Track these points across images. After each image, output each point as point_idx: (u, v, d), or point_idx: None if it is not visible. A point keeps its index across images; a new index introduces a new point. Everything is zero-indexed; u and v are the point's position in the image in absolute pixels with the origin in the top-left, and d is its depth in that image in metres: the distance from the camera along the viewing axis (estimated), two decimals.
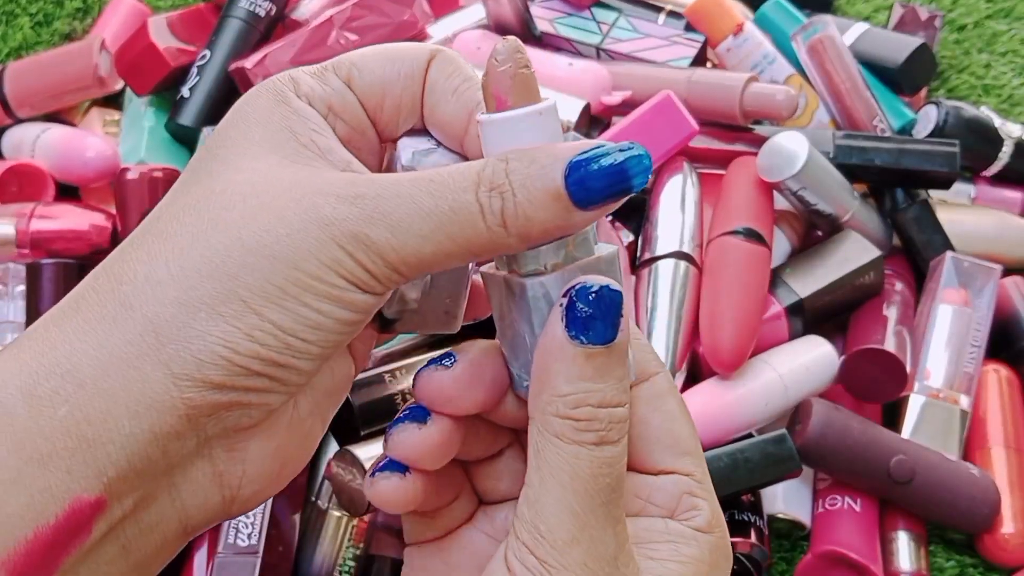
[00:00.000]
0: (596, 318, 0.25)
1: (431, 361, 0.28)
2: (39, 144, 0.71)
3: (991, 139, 0.74)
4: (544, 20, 0.77)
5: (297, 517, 0.58)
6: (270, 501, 0.54)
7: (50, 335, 0.24)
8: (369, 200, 0.25)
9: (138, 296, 0.24)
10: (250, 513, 0.54)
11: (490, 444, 0.30)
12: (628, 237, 0.68)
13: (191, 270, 0.24)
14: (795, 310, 0.64)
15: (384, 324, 0.31)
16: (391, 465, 0.28)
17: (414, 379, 0.28)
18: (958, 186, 0.73)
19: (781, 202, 0.68)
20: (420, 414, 0.28)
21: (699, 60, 0.76)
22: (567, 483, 0.25)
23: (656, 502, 0.28)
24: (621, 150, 0.25)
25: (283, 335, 0.24)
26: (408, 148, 0.29)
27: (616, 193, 0.25)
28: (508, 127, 0.26)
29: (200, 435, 0.25)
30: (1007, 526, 0.60)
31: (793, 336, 0.64)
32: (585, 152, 0.25)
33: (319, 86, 0.28)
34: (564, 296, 0.25)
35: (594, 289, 0.25)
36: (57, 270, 0.64)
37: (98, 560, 0.24)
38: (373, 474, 0.28)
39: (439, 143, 0.29)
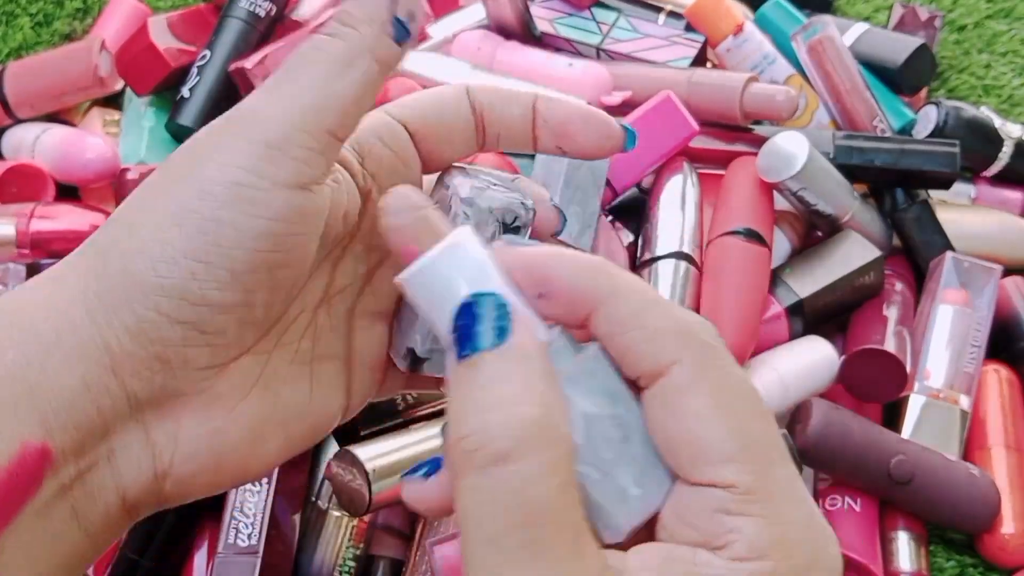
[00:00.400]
0: (467, 332, 0.23)
1: (408, 472, 0.27)
2: (39, 144, 0.71)
3: (991, 139, 0.74)
4: (544, 20, 0.77)
5: (297, 517, 0.58)
6: (270, 501, 0.54)
7: (10, 297, 0.26)
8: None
9: (83, 256, 0.26)
10: (250, 513, 0.54)
11: None
12: (628, 237, 0.68)
13: (120, 224, 0.26)
14: (795, 310, 0.64)
15: (414, 362, 0.30)
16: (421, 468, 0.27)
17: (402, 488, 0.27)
18: (958, 186, 0.73)
19: (781, 202, 0.68)
20: (433, 466, 0.26)
21: (699, 60, 0.76)
22: (471, 530, 0.21)
23: (689, 522, 0.23)
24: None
25: (186, 260, 0.25)
26: (465, 184, 0.29)
27: None
28: (429, 273, 0.25)
29: (131, 397, 0.25)
30: (1007, 526, 0.60)
31: (793, 336, 0.64)
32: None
33: (377, 114, 0.29)
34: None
35: (459, 303, 0.24)
36: None
37: (51, 518, 0.25)
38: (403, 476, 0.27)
39: (489, 184, 0.30)
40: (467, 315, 0.24)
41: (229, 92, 0.73)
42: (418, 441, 0.55)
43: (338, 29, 0.27)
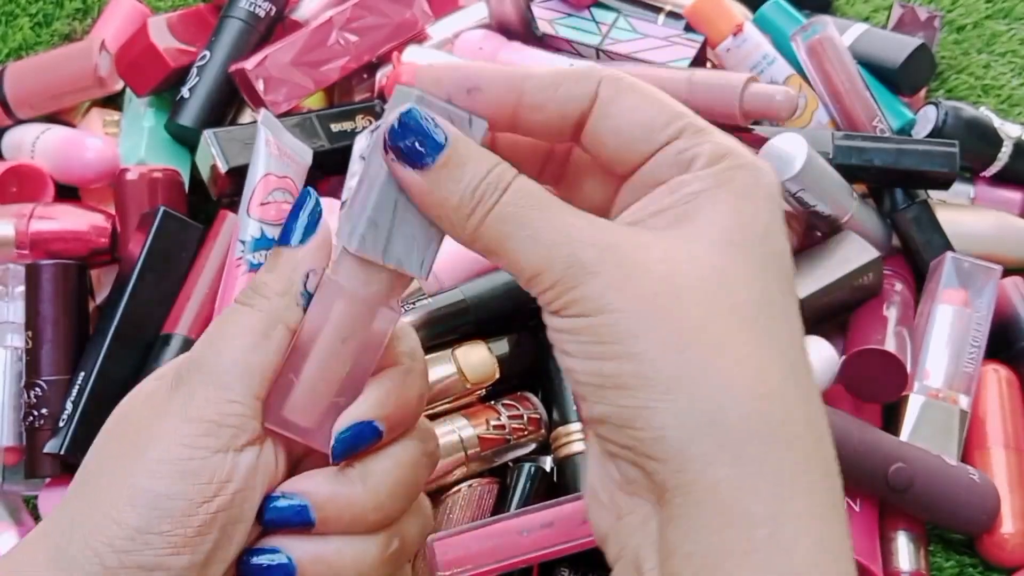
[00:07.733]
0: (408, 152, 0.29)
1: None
2: (39, 145, 0.71)
3: (990, 139, 0.74)
4: (543, 21, 0.77)
5: None
6: None
7: None
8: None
9: (47, 535, 0.29)
10: None
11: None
12: None
13: (78, 504, 0.29)
14: None
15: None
16: None
17: None
18: (957, 186, 0.73)
19: None
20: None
21: (698, 61, 0.76)
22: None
23: (664, 177, 0.30)
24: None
25: (142, 536, 0.27)
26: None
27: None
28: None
29: None
30: (1006, 526, 0.60)
31: None
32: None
33: None
34: None
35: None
36: (57, 271, 0.64)
37: None
38: None
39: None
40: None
41: (229, 92, 0.73)
42: None
43: (255, 299, 0.30)
